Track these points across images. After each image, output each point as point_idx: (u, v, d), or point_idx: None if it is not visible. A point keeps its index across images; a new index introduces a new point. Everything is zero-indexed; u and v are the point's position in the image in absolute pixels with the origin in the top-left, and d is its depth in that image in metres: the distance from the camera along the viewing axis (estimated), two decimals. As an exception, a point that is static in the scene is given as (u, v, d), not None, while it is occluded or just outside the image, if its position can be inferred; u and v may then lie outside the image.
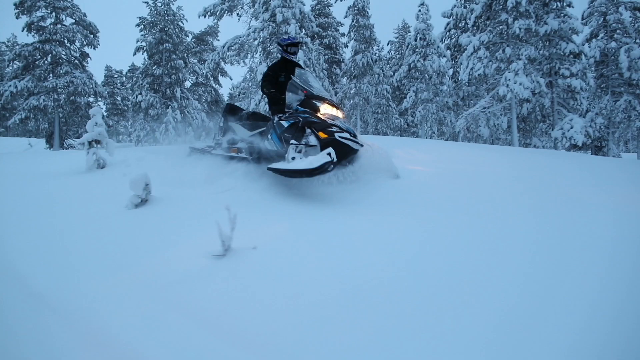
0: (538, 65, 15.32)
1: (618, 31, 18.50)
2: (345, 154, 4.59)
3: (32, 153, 13.61)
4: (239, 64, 16.00)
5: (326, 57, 24.17)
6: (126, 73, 39.89)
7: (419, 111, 18.12)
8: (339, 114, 4.90)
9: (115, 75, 41.78)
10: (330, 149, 4.22)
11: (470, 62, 14.59)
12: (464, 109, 18.17)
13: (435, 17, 21.40)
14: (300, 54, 14.10)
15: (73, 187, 5.73)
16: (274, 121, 5.16)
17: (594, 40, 18.83)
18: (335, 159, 4.17)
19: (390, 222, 3.59)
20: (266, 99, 5.64)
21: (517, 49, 14.23)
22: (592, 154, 28.74)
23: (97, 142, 7.08)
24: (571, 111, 15.41)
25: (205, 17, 16.52)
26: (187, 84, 28.25)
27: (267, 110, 17.07)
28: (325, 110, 4.82)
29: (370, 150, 5.05)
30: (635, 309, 2.29)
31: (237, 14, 17.33)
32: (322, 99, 4.89)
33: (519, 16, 14.06)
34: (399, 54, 29.34)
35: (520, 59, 13.85)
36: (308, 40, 16.44)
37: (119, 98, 40.60)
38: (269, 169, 4.55)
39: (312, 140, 4.60)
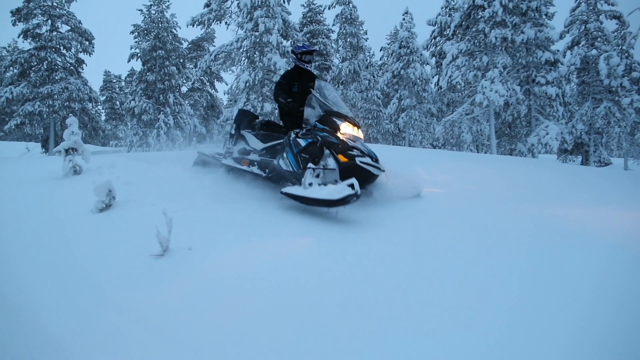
0: (516, 73, 15.72)
1: (599, 39, 18.92)
2: (366, 179, 4.43)
3: (25, 159, 13.99)
4: (225, 72, 16.42)
5: (317, 63, 24.59)
6: (125, 78, 40.37)
7: (402, 117, 18.55)
8: (359, 134, 4.64)
9: (114, 80, 42.18)
10: (353, 180, 3.97)
11: (449, 69, 15.01)
12: (448, 115, 18.60)
13: (423, 25, 21.81)
14: (282, 61, 14.50)
15: (46, 192, 6.09)
16: (290, 138, 4.79)
17: (575, 47, 19.25)
18: (359, 192, 3.91)
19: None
20: (277, 109, 5.10)
21: (494, 58, 14.65)
22: (582, 159, 29.28)
23: (74, 149, 7.48)
24: (548, 118, 15.79)
25: (193, 26, 16.96)
26: (184, 89, 28.77)
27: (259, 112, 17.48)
28: (346, 129, 4.53)
29: (391, 174, 4.89)
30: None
31: (226, 22, 17.76)
32: (343, 117, 4.61)
33: (496, 26, 14.48)
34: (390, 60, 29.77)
35: (496, 67, 14.26)
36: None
37: (117, 103, 41.02)
38: (283, 193, 4.39)
39: (331, 163, 4.34)
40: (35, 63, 22.43)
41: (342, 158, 4.25)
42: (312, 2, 26.25)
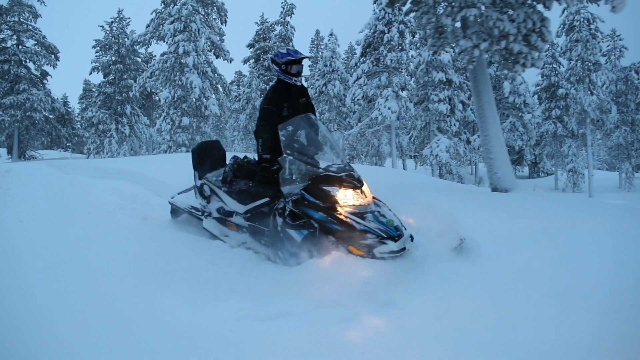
0: (416, 92, 17.50)
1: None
2: None
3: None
4: (158, 89, 18.14)
5: (265, 78, 26.41)
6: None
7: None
8: (365, 196, 3.38)
9: (94, 89, 43.58)
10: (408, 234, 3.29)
11: (353, 87, 16.78)
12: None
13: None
14: (198, 80, 16.14)
15: None
16: (278, 225, 3.47)
17: (490, 66, 21.05)
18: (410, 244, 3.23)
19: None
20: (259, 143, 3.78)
21: (391, 77, 16.43)
22: (530, 169, 31.09)
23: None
24: (442, 132, 17.55)
25: (133, 46, 18.69)
26: (156, 98, 30.47)
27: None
28: (346, 198, 3.31)
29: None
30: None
31: (166, 42, 19.55)
32: (337, 181, 3.35)
33: (392, 49, 16.28)
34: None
35: (390, 86, 16.03)
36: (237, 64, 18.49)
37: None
38: None
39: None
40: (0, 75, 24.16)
41: (355, 251, 3.22)
42: (266, 20, 28.11)
